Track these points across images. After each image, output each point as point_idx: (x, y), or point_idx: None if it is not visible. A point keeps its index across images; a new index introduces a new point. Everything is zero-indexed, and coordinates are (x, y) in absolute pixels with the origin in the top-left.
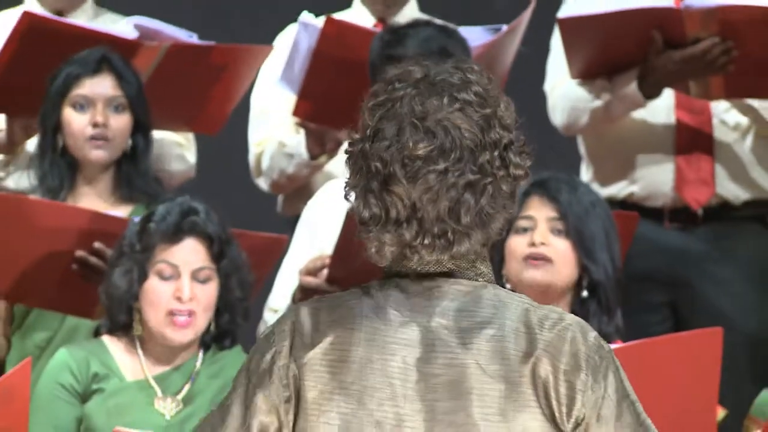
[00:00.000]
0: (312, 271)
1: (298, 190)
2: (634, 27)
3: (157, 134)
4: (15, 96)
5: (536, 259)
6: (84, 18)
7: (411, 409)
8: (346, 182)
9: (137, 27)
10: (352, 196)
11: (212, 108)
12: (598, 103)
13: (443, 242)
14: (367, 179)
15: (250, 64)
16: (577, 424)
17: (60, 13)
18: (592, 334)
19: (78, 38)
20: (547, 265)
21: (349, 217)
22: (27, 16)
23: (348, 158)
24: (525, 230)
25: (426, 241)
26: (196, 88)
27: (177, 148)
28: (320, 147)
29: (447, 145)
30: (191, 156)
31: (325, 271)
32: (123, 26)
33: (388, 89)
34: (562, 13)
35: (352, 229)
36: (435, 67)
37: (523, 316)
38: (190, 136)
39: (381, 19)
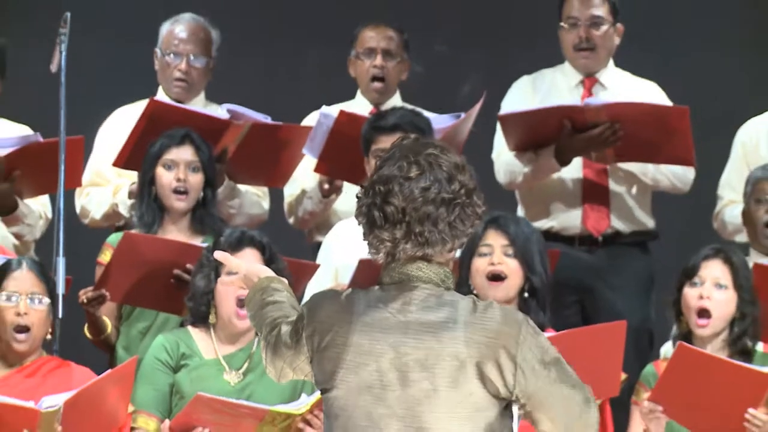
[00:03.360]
0: None
1: (317, 226)
2: (552, 118)
3: (241, 187)
4: (141, 163)
5: (495, 278)
6: (198, 105)
7: (391, 378)
8: (358, 203)
9: (229, 111)
10: (362, 213)
11: (280, 168)
12: (527, 169)
13: (422, 239)
14: (373, 198)
15: (302, 137)
16: (512, 390)
17: (180, 102)
18: (520, 317)
19: (189, 118)
20: (501, 284)
21: (361, 263)
22: (153, 102)
23: (361, 192)
24: (485, 254)
25: (411, 237)
26: (269, 154)
27: (255, 198)
28: (328, 190)
29: (430, 172)
30: (266, 204)
31: None
32: (220, 111)
33: (389, 151)
34: (502, 111)
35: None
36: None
37: (471, 311)
38: (265, 189)
39: (376, 106)
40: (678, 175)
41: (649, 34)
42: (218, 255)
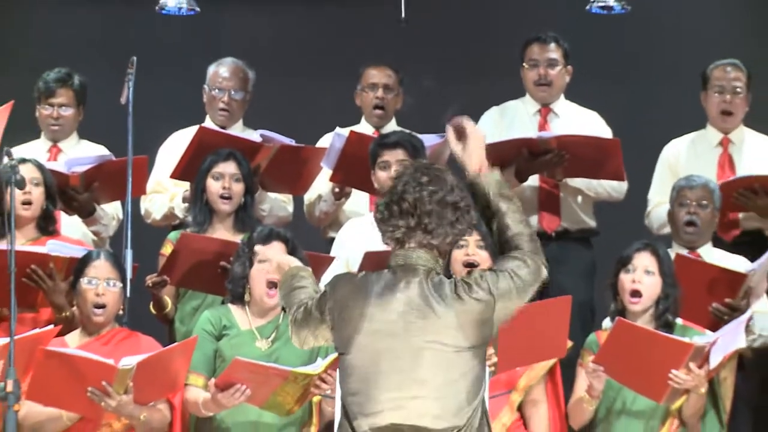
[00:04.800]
0: None
1: (330, 224)
2: (513, 147)
3: (271, 195)
4: (192, 175)
5: (469, 265)
6: (237, 130)
7: (398, 339)
8: (376, 205)
9: (261, 135)
10: (382, 207)
11: (301, 180)
12: None
13: (429, 229)
14: (391, 197)
15: (318, 156)
16: (494, 306)
17: (223, 127)
18: (488, 273)
19: (230, 141)
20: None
21: (366, 255)
22: (202, 130)
23: (380, 197)
24: (462, 246)
25: (421, 227)
26: (293, 169)
27: (282, 203)
28: (339, 194)
29: (437, 181)
30: (290, 207)
31: None
32: (254, 135)
33: (403, 169)
34: None
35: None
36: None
37: (453, 288)
38: (290, 196)
39: (377, 129)
40: (614, 187)
41: (592, 74)
42: (259, 249)
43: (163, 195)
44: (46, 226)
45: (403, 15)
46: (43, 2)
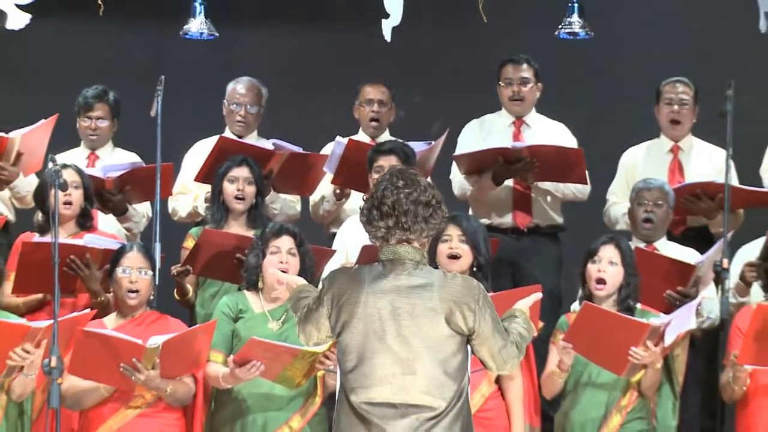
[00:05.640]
0: None
1: (332, 221)
2: (490, 156)
3: (282, 195)
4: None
5: (452, 257)
6: (252, 139)
7: (388, 324)
8: (361, 209)
9: (274, 144)
10: (365, 211)
11: (307, 183)
12: (474, 187)
13: (406, 227)
14: (373, 201)
15: (323, 162)
16: (471, 332)
17: (240, 137)
18: (475, 283)
19: (246, 149)
20: (457, 261)
21: (364, 248)
22: (222, 139)
23: (366, 198)
24: (446, 240)
25: (399, 225)
26: (300, 173)
27: (291, 203)
28: (339, 195)
29: (412, 184)
30: (298, 207)
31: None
32: (267, 143)
33: (383, 175)
34: (456, 151)
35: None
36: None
37: (442, 278)
38: (298, 197)
39: (372, 138)
40: (579, 189)
41: (560, 90)
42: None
43: (188, 196)
44: (84, 222)
45: (389, 39)
46: (84, 29)
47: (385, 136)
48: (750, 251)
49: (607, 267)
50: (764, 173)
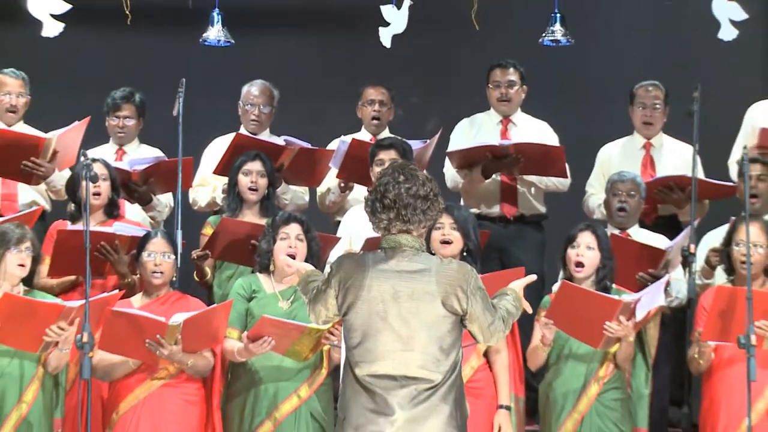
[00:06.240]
0: None
1: (337, 210)
2: (480, 152)
3: (292, 187)
4: (227, 173)
5: (445, 243)
6: (265, 136)
7: (390, 305)
8: (365, 200)
9: (285, 140)
10: (369, 203)
11: (315, 175)
12: (465, 180)
13: (406, 219)
14: (375, 195)
15: (329, 157)
16: (464, 312)
17: (254, 134)
18: (469, 268)
19: (260, 145)
20: (449, 246)
21: (367, 240)
22: (238, 136)
23: (369, 192)
24: (439, 228)
25: (399, 218)
26: (309, 167)
27: (300, 194)
28: (344, 188)
29: (411, 179)
30: (306, 197)
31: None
32: (279, 140)
33: (384, 170)
34: (449, 147)
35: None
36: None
37: (439, 263)
38: (306, 188)
39: (374, 136)
40: (560, 182)
41: (544, 92)
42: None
43: (207, 187)
44: (112, 211)
45: (388, 46)
46: (113, 37)
47: (385, 134)
48: (714, 238)
49: (585, 251)
50: (731, 164)
